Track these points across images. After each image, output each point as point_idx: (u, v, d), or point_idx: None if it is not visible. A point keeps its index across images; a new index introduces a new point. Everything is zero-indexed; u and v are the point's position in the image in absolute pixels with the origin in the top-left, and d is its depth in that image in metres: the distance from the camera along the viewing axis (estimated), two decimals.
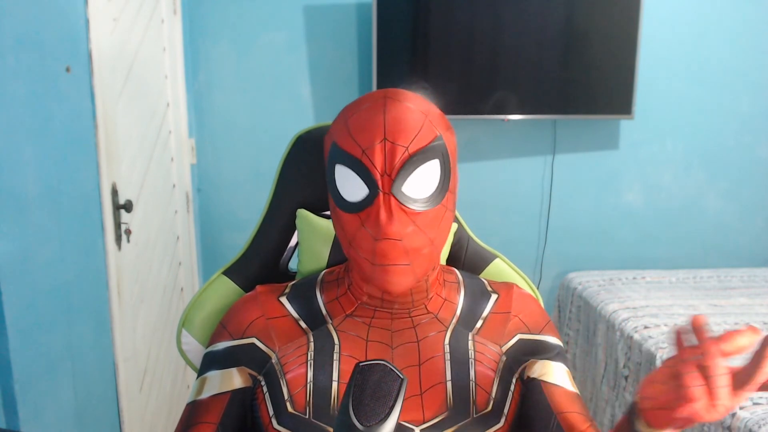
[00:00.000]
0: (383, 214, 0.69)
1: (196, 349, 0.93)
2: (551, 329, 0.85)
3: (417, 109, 0.73)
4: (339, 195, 0.73)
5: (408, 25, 2.38)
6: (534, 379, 0.80)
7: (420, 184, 0.71)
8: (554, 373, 0.80)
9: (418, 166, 0.70)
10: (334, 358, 0.76)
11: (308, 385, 0.75)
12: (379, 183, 0.70)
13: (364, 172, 0.70)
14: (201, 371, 0.80)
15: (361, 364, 0.63)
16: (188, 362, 0.95)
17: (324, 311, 0.81)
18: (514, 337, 0.82)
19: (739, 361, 0.60)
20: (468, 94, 2.43)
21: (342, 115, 0.76)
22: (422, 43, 2.40)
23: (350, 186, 0.72)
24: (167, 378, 2.06)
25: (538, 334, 0.83)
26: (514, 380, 0.80)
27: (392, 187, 0.70)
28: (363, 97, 0.76)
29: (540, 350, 0.82)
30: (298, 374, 0.76)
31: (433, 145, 0.72)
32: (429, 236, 0.72)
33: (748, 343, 0.57)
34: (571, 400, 0.78)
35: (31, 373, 1.17)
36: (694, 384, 0.56)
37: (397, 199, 0.70)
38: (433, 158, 0.72)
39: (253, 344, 0.79)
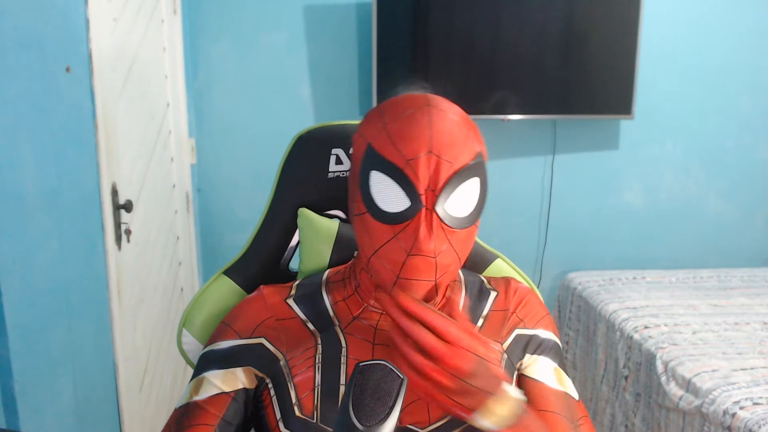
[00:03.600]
0: (423, 231, 0.66)
1: (196, 349, 0.93)
2: (547, 323, 0.84)
3: (461, 122, 0.71)
4: (374, 203, 0.70)
5: (408, 25, 2.38)
6: (520, 374, 0.80)
7: (461, 202, 0.69)
8: (536, 369, 0.79)
9: (460, 184, 0.68)
10: (341, 361, 0.76)
11: (316, 389, 0.74)
12: (423, 198, 0.67)
13: (406, 183, 0.67)
14: (198, 371, 0.78)
15: (361, 363, 0.63)
16: (189, 362, 0.95)
17: (331, 313, 0.80)
18: (512, 333, 0.82)
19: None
20: (468, 94, 2.43)
21: (379, 117, 0.72)
22: (422, 43, 2.40)
23: (389, 196, 0.68)
24: (167, 378, 2.06)
25: (533, 328, 0.83)
26: (514, 377, 0.80)
27: (436, 204, 0.67)
28: (402, 99, 0.73)
29: (531, 345, 0.82)
30: (306, 378, 0.75)
31: (475, 163, 0.69)
32: (459, 254, 0.71)
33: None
34: (548, 398, 0.76)
35: (31, 373, 1.16)
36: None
37: (438, 217, 0.67)
38: (475, 176, 0.69)
39: (261, 344, 0.78)
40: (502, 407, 0.62)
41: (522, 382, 0.79)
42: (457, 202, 0.69)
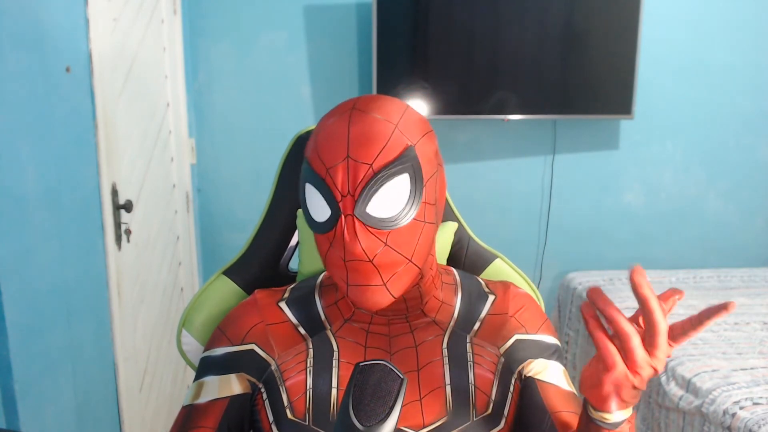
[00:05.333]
0: (347, 237, 0.66)
1: (196, 350, 0.93)
2: (548, 328, 0.85)
3: (384, 120, 0.68)
4: (309, 215, 0.71)
5: (408, 25, 2.38)
6: (530, 377, 0.79)
7: (386, 202, 0.66)
8: (549, 372, 0.80)
9: (383, 184, 0.66)
10: (333, 364, 0.76)
11: (308, 392, 0.74)
12: (341, 205, 0.66)
13: (327, 192, 0.67)
14: (198, 375, 0.80)
15: (361, 364, 0.63)
16: (188, 362, 0.95)
17: (323, 316, 0.80)
18: (511, 337, 0.82)
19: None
20: (468, 94, 2.43)
21: (315, 129, 0.73)
22: (422, 43, 2.40)
23: (317, 206, 0.68)
24: (167, 378, 2.06)
25: (535, 333, 0.83)
26: (513, 381, 0.80)
27: (355, 209, 0.66)
28: (334, 108, 0.73)
29: (536, 350, 0.82)
30: (297, 381, 0.75)
31: (401, 158, 0.67)
32: (404, 254, 0.68)
33: (670, 305, 0.60)
34: (566, 399, 0.78)
35: (31, 373, 1.17)
36: (610, 352, 0.59)
37: (360, 221, 0.66)
38: (402, 173, 0.67)
39: (252, 350, 0.78)
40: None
41: (535, 386, 0.79)
42: (381, 203, 0.66)
